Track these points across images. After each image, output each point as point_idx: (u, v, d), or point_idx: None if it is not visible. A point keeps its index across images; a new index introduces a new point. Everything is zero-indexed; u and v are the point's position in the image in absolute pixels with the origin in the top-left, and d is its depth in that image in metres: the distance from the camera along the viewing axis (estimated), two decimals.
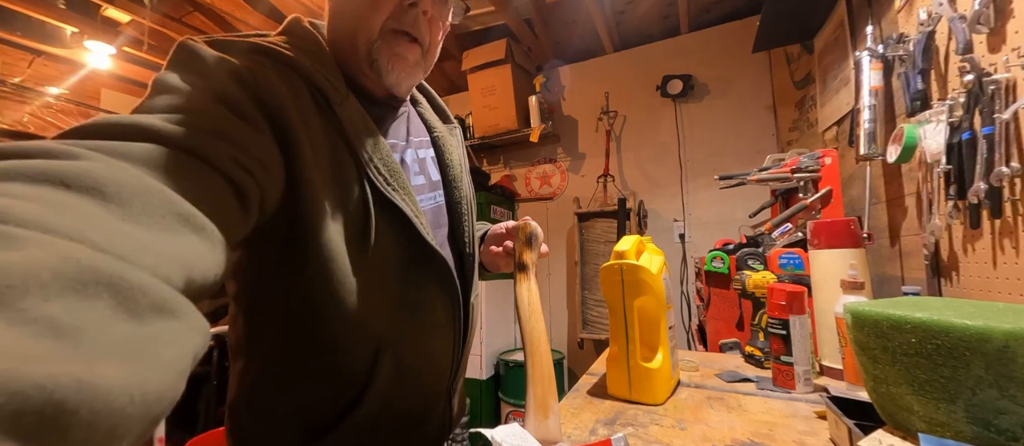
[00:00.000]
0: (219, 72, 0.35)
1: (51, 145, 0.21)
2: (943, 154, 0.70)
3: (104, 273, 0.16)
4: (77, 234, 0.17)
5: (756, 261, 1.07)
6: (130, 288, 0.16)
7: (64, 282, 0.14)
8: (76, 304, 0.14)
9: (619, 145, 2.51)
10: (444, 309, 0.50)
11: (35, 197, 0.17)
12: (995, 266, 0.64)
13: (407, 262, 0.46)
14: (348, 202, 0.41)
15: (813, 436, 0.54)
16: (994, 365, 0.33)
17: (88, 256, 0.16)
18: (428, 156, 0.55)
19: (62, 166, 0.19)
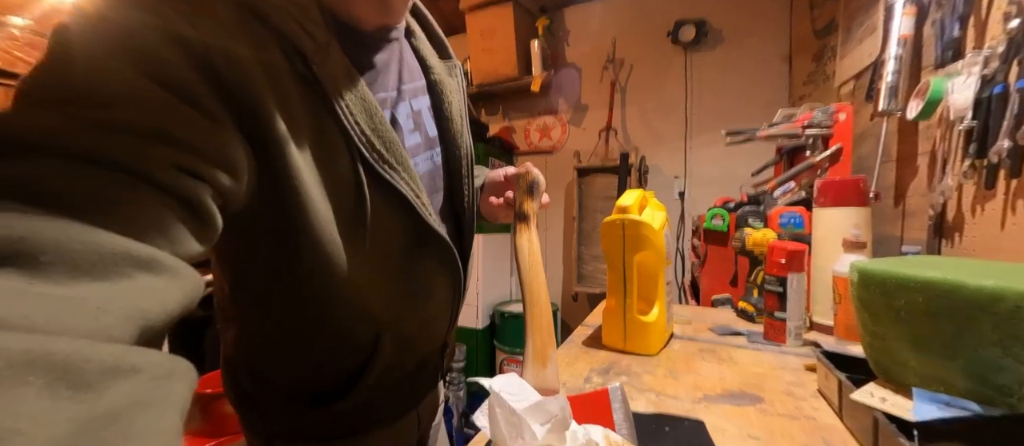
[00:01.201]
0: (153, 37, 0.24)
1: None
2: (969, 109, 0.67)
3: (21, 353, 0.12)
4: None
5: (756, 219, 1.06)
6: (65, 361, 0.13)
7: None
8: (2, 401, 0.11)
9: (624, 97, 2.41)
10: (444, 285, 0.48)
11: None
12: (1003, 227, 0.63)
13: (406, 246, 0.42)
14: (338, 186, 0.35)
15: (801, 387, 0.56)
16: (1003, 325, 0.32)
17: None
18: (424, 107, 0.47)
19: None
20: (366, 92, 0.37)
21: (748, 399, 0.52)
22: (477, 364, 2.24)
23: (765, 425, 0.46)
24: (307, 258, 0.35)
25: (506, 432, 0.29)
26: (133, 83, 0.23)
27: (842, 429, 0.44)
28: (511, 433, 0.29)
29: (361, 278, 0.38)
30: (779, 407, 0.50)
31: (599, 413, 0.40)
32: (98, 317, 0.16)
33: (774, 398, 0.52)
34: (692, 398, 0.52)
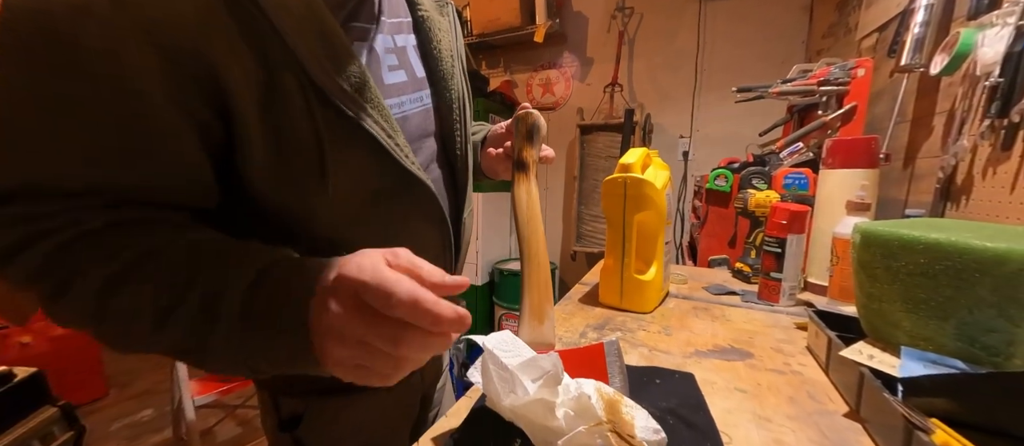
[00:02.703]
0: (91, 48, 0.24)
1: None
2: (998, 64, 0.63)
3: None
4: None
5: (761, 180, 1.04)
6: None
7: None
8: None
9: (631, 50, 2.29)
10: (432, 239, 0.45)
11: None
12: (1013, 191, 0.62)
13: (383, 193, 0.38)
14: (292, 131, 0.31)
15: (790, 343, 0.57)
16: (1002, 287, 0.32)
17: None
18: (409, 44, 0.43)
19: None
20: (324, 15, 0.32)
21: (738, 354, 0.53)
22: (476, 320, 2.31)
23: (752, 379, 0.47)
24: (267, 213, 0.35)
25: (499, 387, 0.30)
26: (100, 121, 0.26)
27: (827, 384, 0.46)
28: (504, 389, 0.30)
29: (335, 228, 0.37)
30: (767, 362, 0.51)
31: (594, 366, 0.41)
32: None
33: (763, 354, 0.54)
34: (683, 353, 0.54)
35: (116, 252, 0.27)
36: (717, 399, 0.42)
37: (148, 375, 2.15)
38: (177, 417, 1.24)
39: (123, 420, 1.78)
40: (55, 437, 1.13)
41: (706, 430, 0.36)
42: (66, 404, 1.21)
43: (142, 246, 0.28)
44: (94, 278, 0.27)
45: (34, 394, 1.13)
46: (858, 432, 0.37)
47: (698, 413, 0.38)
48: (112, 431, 1.70)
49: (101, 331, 0.28)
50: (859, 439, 0.36)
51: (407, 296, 0.23)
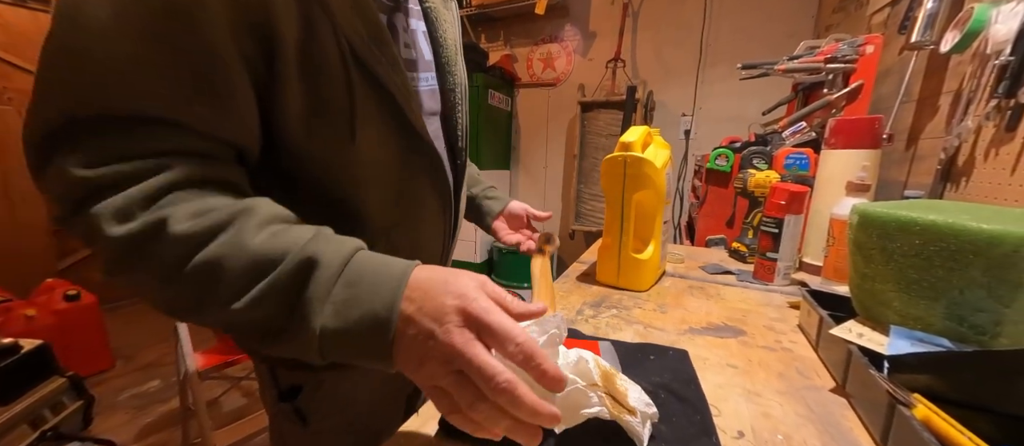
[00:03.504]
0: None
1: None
2: (1010, 42, 0.61)
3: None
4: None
5: (761, 160, 1.04)
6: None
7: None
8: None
9: (636, 23, 2.22)
10: (435, 201, 0.48)
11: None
12: (1014, 172, 0.61)
13: (398, 154, 0.41)
14: (328, 91, 0.34)
15: (782, 322, 0.58)
16: (994, 268, 0.33)
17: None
18: (419, 30, 0.46)
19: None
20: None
21: (731, 332, 0.55)
22: None
23: (744, 355, 0.48)
24: (294, 165, 0.36)
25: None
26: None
27: (817, 360, 0.47)
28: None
29: (354, 177, 0.39)
30: (759, 340, 0.53)
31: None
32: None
33: (755, 332, 0.55)
34: (678, 330, 0.55)
35: (204, 212, 0.27)
36: (709, 374, 0.44)
37: (154, 347, 2.20)
38: (183, 388, 1.28)
39: (130, 391, 1.83)
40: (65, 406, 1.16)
41: (697, 403, 0.37)
42: (74, 375, 1.24)
43: (230, 209, 0.28)
44: (179, 235, 0.26)
45: (41, 365, 1.16)
46: (843, 406, 0.38)
47: (689, 387, 0.39)
48: (120, 401, 1.75)
49: (168, 293, 0.28)
50: (844, 413, 0.38)
51: (527, 346, 0.24)
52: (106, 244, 0.26)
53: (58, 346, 1.22)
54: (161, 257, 0.26)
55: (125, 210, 0.26)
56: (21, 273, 2.21)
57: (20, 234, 2.26)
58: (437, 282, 0.27)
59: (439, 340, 0.25)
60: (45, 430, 1.06)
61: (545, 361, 0.24)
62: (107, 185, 0.26)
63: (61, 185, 0.26)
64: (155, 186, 0.27)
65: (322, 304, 0.26)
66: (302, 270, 0.27)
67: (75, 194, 0.26)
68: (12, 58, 2.25)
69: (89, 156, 0.26)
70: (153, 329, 2.41)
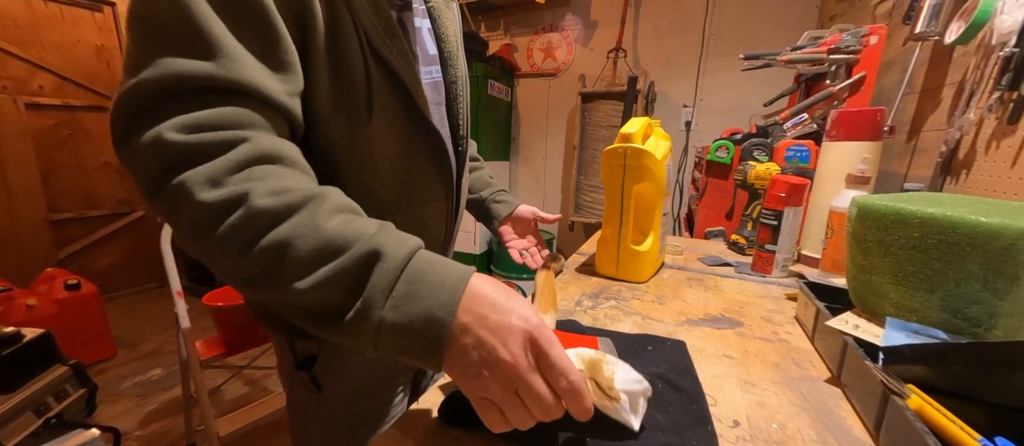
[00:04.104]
0: None
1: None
2: (1014, 34, 0.61)
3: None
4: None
5: (762, 152, 1.03)
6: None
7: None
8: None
9: (637, 12, 2.19)
10: (438, 184, 0.51)
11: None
12: (1013, 165, 0.61)
13: (406, 137, 0.46)
14: (349, 72, 0.39)
15: (779, 313, 0.59)
16: (991, 261, 0.33)
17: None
18: (424, 26, 0.51)
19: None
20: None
21: (728, 323, 0.55)
22: None
23: (741, 346, 0.49)
24: (314, 137, 0.40)
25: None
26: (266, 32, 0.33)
27: (812, 352, 0.48)
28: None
29: (369, 154, 0.43)
30: (756, 331, 0.53)
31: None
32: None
33: (752, 323, 0.55)
34: (676, 321, 0.55)
35: (282, 191, 0.28)
36: (706, 365, 0.44)
37: (155, 336, 2.21)
38: (185, 376, 1.29)
39: (133, 379, 1.84)
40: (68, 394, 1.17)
41: (693, 393, 0.38)
42: (77, 363, 1.25)
43: (305, 192, 0.29)
44: (259, 209, 0.27)
45: (44, 354, 1.16)
46: (838, 397, 0.39)
47: (686, 377, 0.40)
48: (123, 389, 1.77)
49: (240, 264, 0.28)
50: (838, 402, 0.38)
51: (577, 384, 0.26)
52: (195, 209, 0.27)
53: (60, 335, 1.23)
54: (241, 227, 0.27)
55: (215, 178, 0.27)
56: (21, 263, 2.21)
57: (18, 224, 2.26)
58: (500, 299, 0.28)
59: (501, 358, 0.26)
60: (49, 417, 1.08)
61: (588, 399, 0.26)
62: (197, 153, 0.28)
63: (153, 152, 0.27)
64: (240, 157, 0.28)
65: (384, 296, 0.27)
66: (368, 260, 0.27)
67: (166, 160, 0.27)
68: (6, 45, 2.22)
69: (181, 125, 0.28)
70: (154, 318, 2.42)
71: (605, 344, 0.45)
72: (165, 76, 0.28)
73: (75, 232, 2.54)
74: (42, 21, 2.34)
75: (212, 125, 0.28)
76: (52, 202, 2.40)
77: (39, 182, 2.32)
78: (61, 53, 2.41)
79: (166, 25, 0.28)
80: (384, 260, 0.27)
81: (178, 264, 1.18)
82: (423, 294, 0.27)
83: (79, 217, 2.54)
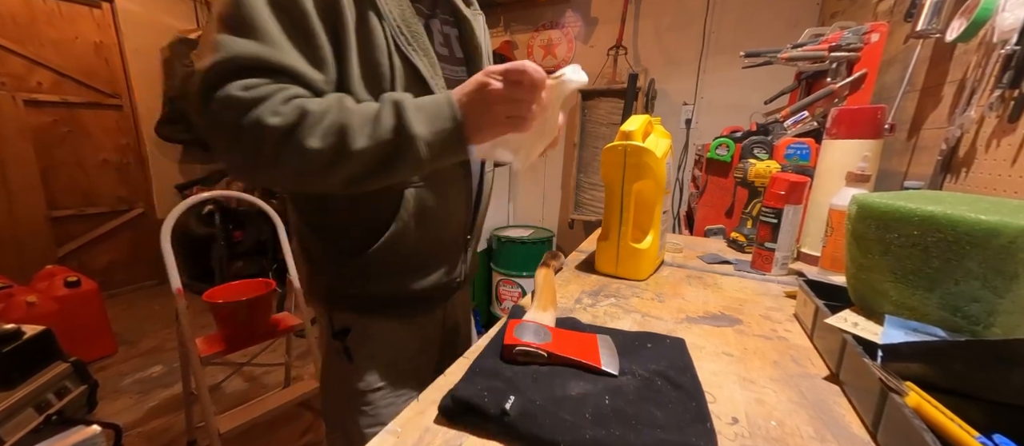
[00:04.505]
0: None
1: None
2: (1016, 31, 0.60)
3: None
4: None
5: (762, 150, 1.03)
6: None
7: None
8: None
9: (638, 9, 2.18)
10: (457, 167, 0.58)
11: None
12: (1014, 164, 0.61)
13: None
14: (377, 67, 0.49)
15: (779, 311, 0.59)
16: (990, 259, 0.33)
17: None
18: (453, 34, 0.61)
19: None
20: (402, 3, 0.51)
21: (727, 321, 0.55)
22: (475, 285, 2.36)
23: (740, 343, 0.49)
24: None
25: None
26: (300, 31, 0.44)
27: (811, 349, 0.48)
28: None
29: None
30: (755, 328, 0.53)
31: (585, 348, 0.43)
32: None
33: (752, 320, 0.55)
34: (675, 319, 0.55)
35: (321, 101, 0.42)
36: (705, 362, 0.44)
37: (155, 333, 2.22)
38: (185, 373, 1.29)
39: (133, 376, 1.85)
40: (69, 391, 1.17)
41: (692, 391, 0.38)
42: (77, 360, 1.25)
43: (333, 97, 0.44)
44: (313, 110, 0.41)
45: (44, 351, 1.16)
46: (836, 394, 0.39)
47: (685, 375, 0.40)
48: (124, 386, 1.78)
49: (313, 151, 0.41)
50: (837, 400, 0.38)
51: (524, 64, 0.41)
52: (269, 132, 0.40)
53: (60, 332, 1.23)
54: (307, 130, 0.41)
55: (275, 109, 0.40)
56: (20, 260, 2.21)
57: (18, 221, 2.26)
58: (466, 84, 0.45)
59: (491, 89, 0.42)
60: (50, 414, 1.08)
61: (527, 64, 0.41)
62: (259, 99, 0.40)
63: (227, 104, 0.39)
64: (288, 95, 0.41)
65: (413, 122, 0.42)
66: (395, 106, 0.43)
67: (237, 110, 0.39)
68: (4, 41, 2.21)
69: (244, 85, 0.40)
70: (154, 315, 2.43)
71: (604, 342, 0.45)
72: (235, 56, 0.40)
73: (75, 229, 2.54)
74: (40, 17, 2.33)
75: (265, 84, 0.41)
76: (51, 199, 2.40)
77: (38, 179, 2.31)
78: (59, 50, 2.40)
79: (237, 24, 0.41)
80: (402, 102, 0.43)
81: (178, 261, 1.18)
82: (431, 107, 0.43)
83: (79, 214, 2.54)
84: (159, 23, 2.77)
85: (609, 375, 0.40)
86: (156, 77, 2.76)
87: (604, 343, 0.45)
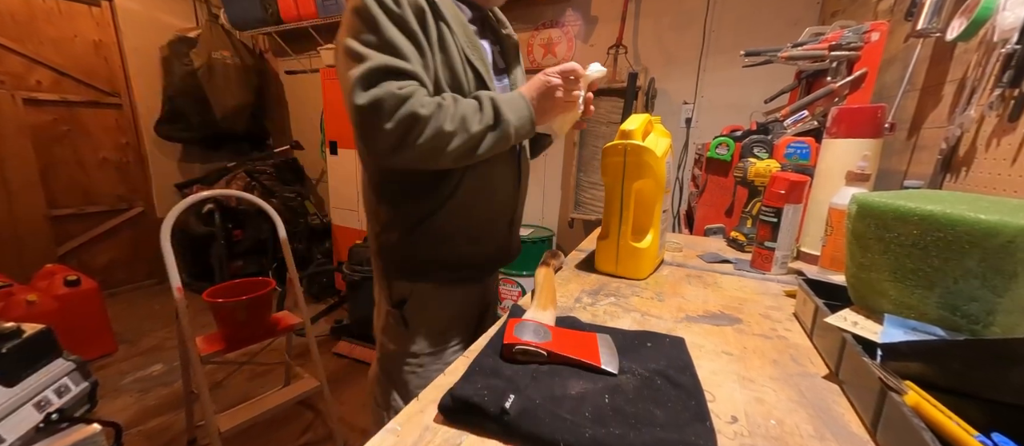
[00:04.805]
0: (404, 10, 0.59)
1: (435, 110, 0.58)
2: (1016, 31, 0.60)
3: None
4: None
5: (762, 149, 1.03)
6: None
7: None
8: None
9: (638, 8, 2.18)
10: (507, 159, 0.72)
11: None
12: (1014, 163, 0.61)
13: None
14: (455, 72, 0.63)
15: (778, 310, 0.59)
16: (990, 258, 0.33)
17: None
18: (495, 50, 0.75)
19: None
20: (463, 21, 0.66)
21: (727, 320, 0.55)
22: None
23: (739, 343, 0.49)
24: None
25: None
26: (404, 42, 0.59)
27: (811, 348, 0.48)
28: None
29: None
30: (755, 328, 0.53)
31: (585, 347, 0.43)
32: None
33: (751, 320, 0.55)
34: (675, 318, 0.55)
35: (444, 97, 0.59)
36: (704, 361, 0.44)
37: (155, 332, 2.22)
38: (186, 372, 1.29)
39: (134, 374, 1.85)
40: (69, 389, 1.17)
41: (692, 390, 0.38)
42: (77, 358, 1.25)
43: (449, 96, 0.60)
44: (447, 104, 0.58)
45: (44, 349, 1.16)
46: (836, 393, 0.39)
47: (685, 374, 0.40)
48: (124, 385, 1.78)
49: (447, 133, 0.57)
50: (836, 399, 0.38)
51: (572, 65, 0.65)
52: (420, 119, 0.55)
53: (60, 331, 1.23)
54: (443, 115, 0.57)
55: (422, 102, 0.56)
56: (20, 259, 2.21)
57: (18, 220, 2.26)
58: (533, 84, 0.65)
59: (552, 85, 0.64)
60: (50, 412, 1.08)
61: (574, 65, 0.65)
62: (409, 94, 0.55)
63: (388, 97, 0.54)
64: (426, 93, 0.58)
65: (505, 111, 0.60)
66: (491, 101, 0.61)
67: (396, 100, 0.54)
68: (3, 40, 2.21)
69: (398, 85, 0.55)
70: (154, 314, 2.43)
71: (604, 341, 0.45)
72: (384, 64, 0.55)
73: (74, 228, 2.54)
74: (39, 16, 2.33)
75: (410, 84, 0.56)
76: (51, 198, 2.40)
77: (38, 178, 2.31)
78: (59, 48, 2.40)
79: (380, 42, 0.56)
80: (495, 97, 0.61)
81: (178, 260, 1.18)
82: (512, 101, 0.62)
83: (78, 213, 2.54)
84: (158, 22, 2.76)
85: (609, 374, 0.40)
86: (155, 76, 2.76)
87: (604, 342, 0.45)
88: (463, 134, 0.58)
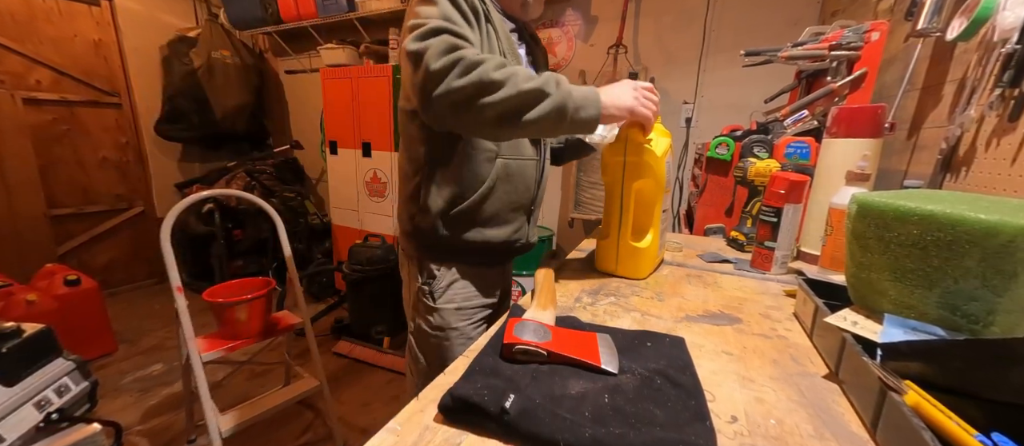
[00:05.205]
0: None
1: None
2: (1016, 30, 0.60)
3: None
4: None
5: (762, 149, 1.03)
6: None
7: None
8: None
9: (638, 8, 2.18)
10: (531, 147, 0.79)
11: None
12: (1013, 163, 0.61)
13: None
14: (497, 50, 0.71)
15: (778, 309, 0.59)
16: (989, 258, 0.33)
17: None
18: (528, 60, 0.83)
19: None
20: (506, 29, 0.74)
21: (727, 319, 0.55)
22: None
23: (739, 342, 0.49)
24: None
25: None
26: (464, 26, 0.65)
27: (811, 348, 0.48)
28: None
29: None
30: (755, 327, 0.53)
31: (585, 347, 0.43)
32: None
33: (751, 319, 0.55)
34: (675, 318, 0.55)
35: (517, 68, 0.62)
36: (704, 361, 0.44)
37: (155, 332, 2.22)
38: (186, 371, 1.29)
39: (134, 374, 1.85)
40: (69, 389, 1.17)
41: (692, 389, 0.38)
42: (78, 358, 1.25)
43: (512, 63, 0.63)
44: (518, 72, 0.60)
45: (44, 348, 1.16)
46: (835, 393, 0.39)
47: (685, 374, 0.40)
48: (124, 384, 1.78)
49: (510, 97, 0.59)
50: (836, 398, 0.38)
51: (648, 86, 0.68)
52: (488, 77, 0.58)
53: (60, 330, 1.23)
54: (518, 78, 0.59)
55: (496, 64, 0.59)
56: (20, 258, 2.21)
57: (17, 220, 2.26)
58: (610, 88, 0.66)
59: (630, 92, 0.66)
60: (50, 412, 1.08)
61: (652, 90, 0.68)
62: (483, 59, 0.59)
63: (460, 60, 0.58)
64: (496, 59, 0.60)
65: (568, 92, 0.61)
66: (557, 78, 0.62)
67: (467, 63, 0.58)
68: (2, 40, 2.21)
69: (472, 52, 0.60)
70: (155, 313, 2.43)
71: (604, 340, 0.45)
72: (459, 33, 0.62)
73: (74, 228, 2.54)
74: (39, 15, 2.32)
75: (476, 53, 0.60)
76: (51, 198, 2.40)
77: (38, 178, 2.31)
78: (58, 48, 2.40)
79: (447, 24, 0.62)
80: (558, 77, 0.63)
81: (178, 260, 1.18)
82: (583, 90, 0.63)
83: (78, 213, 2.54)
84: (158, 21, 2.76)
85: (609, 374, 0.40)
86: (155, 75, 2.75)
87: (604, 342, 0.45)
88: (538, 99, 0.60)
